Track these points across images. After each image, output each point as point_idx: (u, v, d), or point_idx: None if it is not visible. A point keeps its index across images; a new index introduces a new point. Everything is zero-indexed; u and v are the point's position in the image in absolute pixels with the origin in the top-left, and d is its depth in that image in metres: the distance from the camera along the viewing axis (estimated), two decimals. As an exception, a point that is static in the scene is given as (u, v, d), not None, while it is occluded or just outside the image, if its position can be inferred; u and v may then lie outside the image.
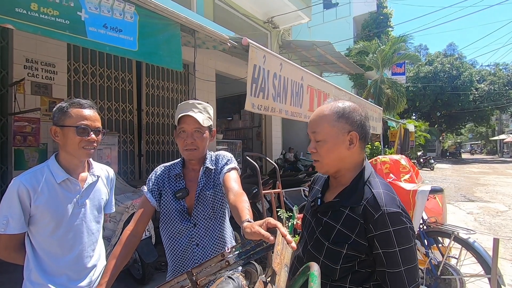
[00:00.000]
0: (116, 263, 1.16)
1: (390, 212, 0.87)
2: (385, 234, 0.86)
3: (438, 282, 2.47)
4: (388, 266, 0.87)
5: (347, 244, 0.91)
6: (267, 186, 4.30)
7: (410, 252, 0.88)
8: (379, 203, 0.89)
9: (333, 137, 0.97)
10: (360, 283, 0.92)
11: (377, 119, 7.06)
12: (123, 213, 2.83)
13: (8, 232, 1.14)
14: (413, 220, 2.46)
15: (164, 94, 5.37)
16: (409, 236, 0.88)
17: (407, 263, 0.86)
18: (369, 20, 17.80)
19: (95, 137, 1.24)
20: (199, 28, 2.59)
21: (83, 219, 1.26)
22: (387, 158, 2.97)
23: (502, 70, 28.87)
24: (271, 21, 7.70)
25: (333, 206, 0.99)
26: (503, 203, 7.40)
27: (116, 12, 1.75)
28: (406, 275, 0.86)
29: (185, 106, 1.34)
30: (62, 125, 1.20)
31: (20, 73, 3.44)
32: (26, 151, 3.51)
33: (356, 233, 0.91)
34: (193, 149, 1.31)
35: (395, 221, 0.87)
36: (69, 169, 1.24)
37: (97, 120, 1.26)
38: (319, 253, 0.98)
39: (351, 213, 0.93)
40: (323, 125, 0.98)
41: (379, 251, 0.87)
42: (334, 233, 0.95)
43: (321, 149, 0.99)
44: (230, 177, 1.29)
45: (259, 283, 0.63)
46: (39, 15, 1.48)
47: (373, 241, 0.88)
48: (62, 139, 1.21)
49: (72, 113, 1.20)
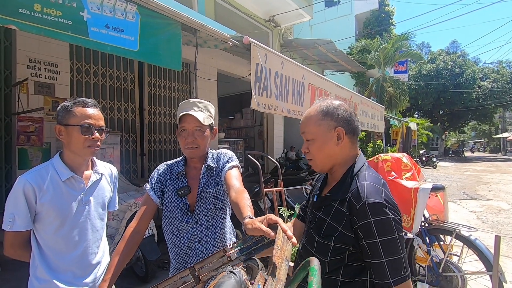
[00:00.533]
0: (119, 260, 1.18)
1: (371, 202, 0.88)
2: (366, 225, 0.87)
3: (440, 280, 2.48)
4: (372, 257, 0.88)
5: (334, 237, 0.93)
6: (269, 185, 4.32)
7: (393, 244, 0.86)
8: (360, 194, 0.90)
9: (321, 135, 1.01)
10: (352, 277, 0.94)
11: (379, 118, 7.04)
12: (126, 211, 2.86)
13: (14, 230, 1.16)
14: (415, 217, 2.46)
15: (166, 93, 5.39)
16: (391, 227, 0.87)
17: (389, 254, 0.86)
18: (371, 18, 17.71)
19: (99, 136, 1.26)
20: (200, 27, 2.60)
21: (88, 216, 1.28)
22: (389, 156, 2.97)
23: (505, 68, 28.63)
24: (272, 20, 7.69)
25: (325, 201, 1.02)
26: (506, 201, 7.37)
27: (118, 12, 1.77)
28: (389, 266, 0.85)
29: (186, 105, 1.36)
30: (67, 124, 1.21)
31: (23, 73, 3.47)
32: (30, 151, 3.54)
33: (342, 225, 0.92)
34: (194, 147, 1.33)
35: (376, 211, 0.87)
36: (74, 167, 1.26)
37: (100, 119, 1.28)
38: (311, 247, 1.00)
39: (339, 206, 0.96)
40: (311, 125, 1.03)
41: (364, 242, 0.89)
42: (324, 227, 0.97)
43: (312, 148, 1.03)
44: (232, 175, 1.30)
45: (259, 277, 0.64)
46: (42, 15, 1.49)
47: (357, 232, 0.90)
48: (67, 138, 1.23)
49: (76, 112, 1.21)
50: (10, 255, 1.23)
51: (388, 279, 0.85)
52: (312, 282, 0.59)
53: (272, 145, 8.15)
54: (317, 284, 0.58)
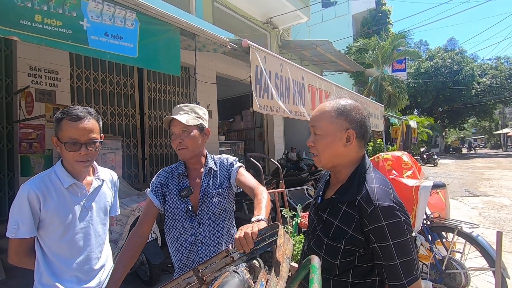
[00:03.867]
0: (124, 264, 1.20)
1: (383, 206, 0.89)
2: (379, 228, 0.88)
3: (443, 277, 2.48)
4: (384, 259, 0.89)
5: (345, 239, 0.94)
6: (271, 186, 4.33)
7: (406, 245, 0.88)
8: (371, 198, 0.91)
9: (331, 133, 1.00)
10: (362, 277, 0.95)
11: (379, 117, 7.06)
12: (129, 216, 2.87)
13: (19, 237, 1.16)
14: (417, 215, 2.47)
15: (166, 98, 5.42)
16: (403, 229, 0.89)
17: (402, 256, 0.87)
18: (368, 18, 17.77)
19: (86, 152, 1.21)
20: (199, 32, 2.63)
21: (90, 221, 1.29)
22: (389, 155, 2.98)
23: (504, 64, 28.65)
24: (270, 22, 7.73)
25: (331, 203, 1.01)
26: (508, 197, 7.36)
27: (117, 19, 1.79)
28: (402, 267, 0.87)
29: (173, 111, 1.41)
30: (58, 137, 1.21)
31: (24, 81, 3.50)
32: (32, 158, 3.56)
33: (353, 228, 0.93)
34: (182, 148, 1.36)
35: (388, 215, 0.88)
36: (75, 174, 1.27)
37: (91, 131, 1.21)
38: (320, 249, 1.00)
39: (347, 208, 0.96)
40: (323, 120, 1.01)
41: (375, 245, 0.90)
42: (332, 229, 0.97)
43: (318, 144, 1.02)
44: (243, 175, 1.39)
45: (262, 274, 0.66)
46: (43, 26, 1.52)
47: (369, 235, 0.90)
48: (60, 150, 1.23)
49: (63, 125, 1.19)
50: (14, 263, 1.22)
51: (402, 280, 0.87)
52: (313, 279, 0.60)
53: (272, 147, 8.17)
54: (318, 281, 0.60)
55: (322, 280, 0.88)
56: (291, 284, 0.81)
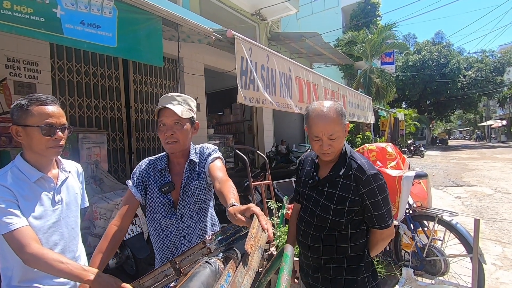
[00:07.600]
0: (102, 258, 1.18)
1: (372, 173, 1.24)
2: (371, 189, 1.23)
3: (424, 264, 2.56)
4: (374, 211, 1.25)
5: (347, 202, 1.25)
6: (259, 179, 4.34)
7: (387, 199, 1.26)
8: (363, 169, 1.25)
9: (341, 132, 1.28)
10: (357, 228, 1.29)
11: (367, 109, 7.13)
12: (113, 210, 2.84)
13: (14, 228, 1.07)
14: (400, 205, 2.53)
15: (152, 90, 5.31)
16: (385, 188, 1.26)
17: (386, 205, 1.25)
18: (357, 10, 17.80)
19: (62, 135, 1.20)
20: (182, 21, 2.56)
21: (61, 215, 1.25)
22: (374, 146, 3.02)
23: (488, 57, 29.26)
24: (258, 13, 7.64)
25: (330, 179, 1.31)
26: (490, 186, 7.62)
27: (93, 7, 1.72)
28: (387, 214, 1.26)
29: (164, 99, 1.35)
30: (25, 125, 1.14)
31: (2, 73, 3.36)
32: (13, 152, 3.43)
33: (351, 193, 1.25)
34: (174, 141, 1.31)
35: (376, 179, 1.23)
36: (39, 167, 1.21)
37: (61, 116, 1.20)
38: (327, 213, 1.28)
39: (344, 180, 1.28)
40: (336, 126, 1.26)
41: (367, 202, 1.24)
42: (335, 197, 1.27)
43: (335, 144, 1.27)
44: (215, 166, 1.31)
45: (230, 265, 0.66)
46: (12, 13, 1.44)
47: (363, 196, 1.24)
48: (26, 139, 1.16)
49: (34, 111, 1.13)
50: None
51: (387, 222, 1.26)
52: (283, 267, 0.61)
53: (262, 140, 8.16)
54: (288, 269, 0.60)
55: (328, 238, 1.29)
56: (266, 274, 0.81)
